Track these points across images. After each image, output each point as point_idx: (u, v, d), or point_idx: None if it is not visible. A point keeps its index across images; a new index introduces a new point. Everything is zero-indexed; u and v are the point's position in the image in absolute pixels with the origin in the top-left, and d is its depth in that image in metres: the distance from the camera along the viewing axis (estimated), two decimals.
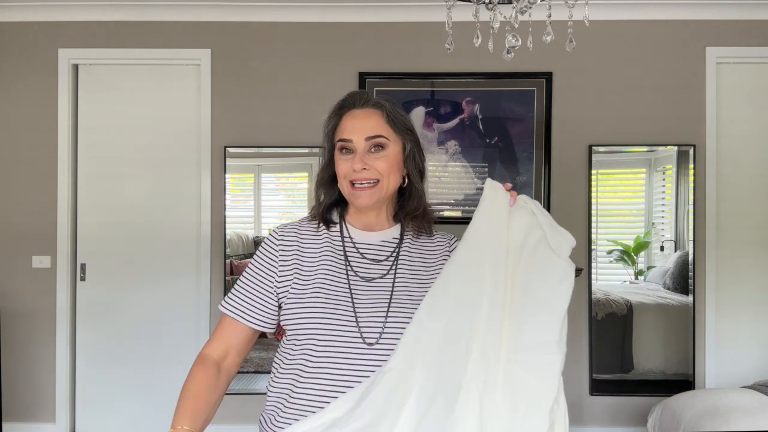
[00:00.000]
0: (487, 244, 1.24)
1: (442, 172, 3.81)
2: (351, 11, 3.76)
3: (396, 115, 1.33)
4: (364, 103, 1.34)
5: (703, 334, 3.74)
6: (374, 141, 1.30)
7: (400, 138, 1.33)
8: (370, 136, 1.30)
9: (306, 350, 1.26)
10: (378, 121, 1.31)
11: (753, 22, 3.73)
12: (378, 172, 1.30)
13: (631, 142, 3.76)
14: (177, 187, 3.85)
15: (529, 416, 1.13)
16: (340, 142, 1.32)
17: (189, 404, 1.24)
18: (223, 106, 3.80)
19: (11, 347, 3.76)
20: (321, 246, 1.35)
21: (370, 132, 1.30)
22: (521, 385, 1.14)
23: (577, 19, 2.20)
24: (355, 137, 1.30)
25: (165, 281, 3.83)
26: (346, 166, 1.30)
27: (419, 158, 1.36)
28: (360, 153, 1.30)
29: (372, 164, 1.29)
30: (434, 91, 3.79)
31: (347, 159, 1.31)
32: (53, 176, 3.80)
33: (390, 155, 1.31)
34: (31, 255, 3.80)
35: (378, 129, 1.31)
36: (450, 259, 1.28)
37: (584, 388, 3.76)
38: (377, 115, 1.32)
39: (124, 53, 3.81)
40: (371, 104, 1.33)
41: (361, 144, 1.30)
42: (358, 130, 1.30)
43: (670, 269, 3.81)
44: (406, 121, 1.35)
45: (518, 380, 1.14)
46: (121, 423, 3.82)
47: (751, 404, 2.88)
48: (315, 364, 1.25)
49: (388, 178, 1.31)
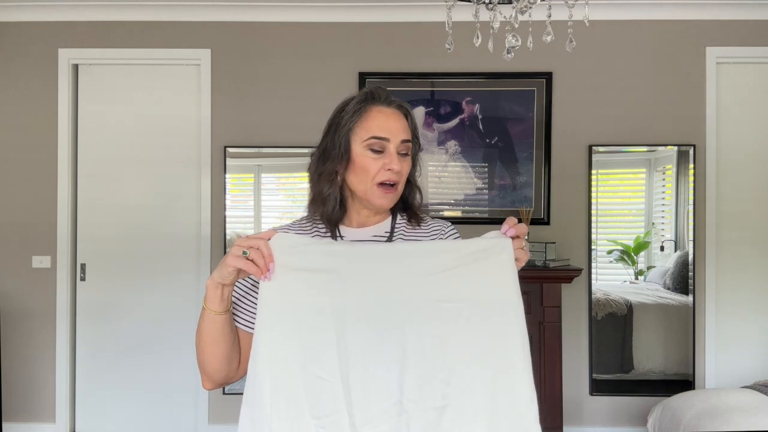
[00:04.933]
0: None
1: (442, 172, 3.81)
2: (351, 11, 3.76)
3: (414, 121, 1.33)
4: (391, 102, 1.30)
5: (703, 334, 3.74)
6: (406, 146, 1.29)
7: (414, 143, 1.33)
8: (405, 139, 1.28)
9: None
10: (405, 124, 1.30)
11: (753, 22, 3.73)
12: (402, 176, 1.29)
13: (631, 142, 3.76)
14: (177, 187, 3.85)
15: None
16: (373, 139, 1.26)
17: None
18: (223, 106, 3.80)
19: (11, 347, 3.76)
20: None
21: (404, 135, 1.28)
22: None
23: (577, 19, 2.20)
24: (393, 137, 1.27)
25: (165, 281, 3.83)
26: (377, 165, 1.26)
27: (419, 163, 1.37)
28: (394, 154, 1.27)
29: (401, 167, 1.28)
30: (434, 91, 3.79)
31: (378, 158, 1.26)
32: (53, 176, 3.80)
33: (410, 159, 1.31)
34: (31, 255, 3.80)
35: (407, 133, 1.29)
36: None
37: (584, 388, 3.76)
38: (404, 118, 1.30)
39: (124, 53, 3.81)
40: (396, 105, 1.30)
41: (396, 146, 1.27)
42: (395, 130, 1.27)
43: (670, 269, 3.81)
44: (417, 127, 1.35)
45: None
46: (121, 423, 3.82)
47: (751, 404, 2.88)
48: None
49: (404, 183, 1.31)
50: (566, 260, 3.66)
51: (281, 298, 1.12)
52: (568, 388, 3.68)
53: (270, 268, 1.11)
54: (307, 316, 1.11)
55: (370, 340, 1.10)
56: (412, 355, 1.10)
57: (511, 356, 1.11)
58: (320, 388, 1.10)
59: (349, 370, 1.10)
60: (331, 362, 1.10)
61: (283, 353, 1.11)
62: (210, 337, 1.21)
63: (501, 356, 1.11)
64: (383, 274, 1.12)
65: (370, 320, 1.10)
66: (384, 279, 1.11)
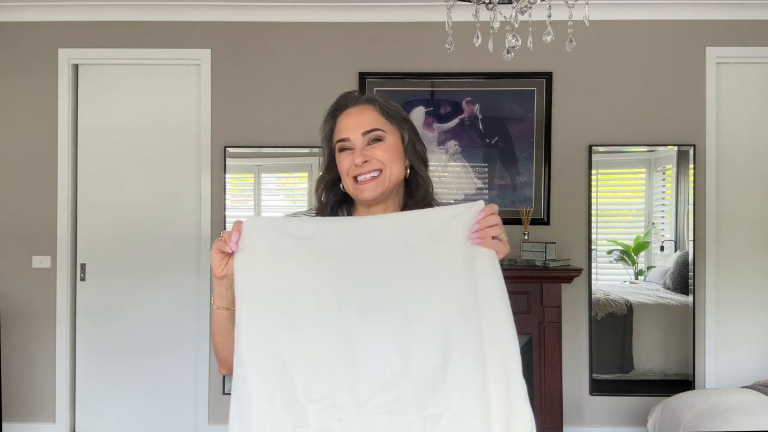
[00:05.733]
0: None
1: (442, 172, 3.81)
2: (351, 11, 3.76)
3: (389, 107, 1.34)
4: (356, 101, 1.34)
5: (703, 334, 3.74)
6: (371, 135, 1.31)
7: (397, 128, 1.34)
8: (367, 130, 1.30)
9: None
10: (372, 115, 1.32)
11: (753, 22, 3.73)
12: (380, 162, 1.30)
13: (631, 142, 3.76)
14: (177, 187, 3.85)
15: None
16: (339, 142, 1.32)
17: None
18: (223, 106, 3.80)
19: (11, 347, 3.76)
20: None
21: (366, 126, 1.31)
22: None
23: (577, 19, 2.20)
24: (352, 134, 1.31)
25: (165, 281, 3.83)
26: (347, 162, 1.31)
27: (420, 147, 1.37)
28: (359, 148, 1.30)
29: (372, 155, 1.29)
30: (434, 91, 3.79)
31: (347, 157, 1.31)
32: (53, 176, 3.80)
33: (389, 144, 1.31)
34: (31, 255, 3.80)
35: (373, 122, 1.31)
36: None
37: (584, 388, 3.76)
38: (371, 110, 1.33)
39: (124, 53, 3.81)
40: (363, 100, 1.34)
41: (359, 140, 1.30)
42: (354, 126, 1.31)
43: (670, 269, 3.81)
44: (401, 111, 1.36)
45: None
46: (121, 423, 3.82)
47: (751, 404, 2.88)
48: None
49: (391, 168, 1.31)
50: (566, 260, 3.66)
51: (259, 282, 1.11)
52: (568, 388, 3.68)
53: (233, 238, 1.11)
54: (292, 296, 1.10)
55: (360, 314, 1.10)
56: (402, 320, 1.09)
57: (492, 306, 1.11)
58: (316, 371, 1.08)
59: (345, 346, 1.08)
60: (325, 341, 1.09)
61: (268, 339, 1.09)
62: (218, 329, 1.26)
63: (483, 305, 1.11)
64: (359, 245, 1.12)
65: (357, 293, 1.10)
66: (362, 248, 1.11)
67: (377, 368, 1.08)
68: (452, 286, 1.10)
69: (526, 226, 3.63)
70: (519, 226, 3.62)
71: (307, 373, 1.09)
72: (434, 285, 1.10)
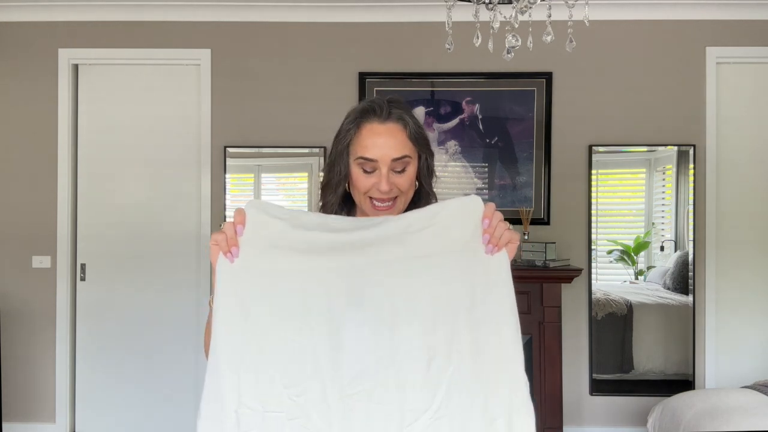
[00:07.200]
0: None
1: (442, 172, 3.80)
2: (351, 11, 3.76)
3: (418, 131, 1.29)
4: (387, 116, 1.26)
5: (703, 334, 3.74)
6: (400, 163, 1.26)
7: (419, 152, 1.31)
8: (396, 157, 1.25)
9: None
10: (402, 139, 1.26)
11: (753, 22, 3.73)
12: (399, 190, 1.28)
13: (631, 142, 3.76)
14: (177, 187, 3.85)
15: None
16: (361, 160, 1.26)
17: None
18: (223, 106, 3.80)
19: (11, 347, 3.76)
20: None
21: (395, 153, 1.25)
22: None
23: (577, 19, 2.20)
24: (381, 158, 1.25)
25: (165, 281, 3.83)
26: (368, 183, 1.27)
27: (431, 161, 1.34)
28: (385, 175, 1.25)
29: (396, 183, 1.26)
30: (434, 91, 3.79)
31: (368, 177, 1.27)
32: (53, 176, 3.80)
33: (411, 173, 1.29)
34: (31, 255, 3.80)
35: (402, 148, 1.26)
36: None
37: (584, 388, 3.76)
38: (401, 133, 1.26)
39: (124, 53, 3.81)
40: (394, 118, 1.27)
41: (387, 165, 1.25)
42: (384, 149, 1.25)
43: (670, 269, 3.81)
44: (424, 131, 1.31)
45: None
46: (121, 423, 3.82)
47: (751, 404, 2.88)
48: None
49: (407, 194, 1.30)
50: (566, 260, 3.66)
51: (245, 270, 1.10)
52: (568, 388, 3.68)
53: (233, 252, 1.08)
54: (276, 284, 1.09)
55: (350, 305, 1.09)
56: (394, 312, 1.09)
57: (495, 305, 1.11)
58: (295, 359, 1.08)
59: (329, 337, 1.08)
60: (309, 330, 1.08)
61: (247, 322, 1.09)
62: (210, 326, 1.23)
63: (482, 301, 1.10)
64: (354, 240, 1.11)
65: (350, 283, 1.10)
66: (358, 244, 1.11)
67: (359, 356, 1.07)
68: (446, 284, 1.10)
69: (526, 226, 3.64)
70: (519, 226, 3.62)
71: (285, 360, 1.08)
72: (426, 282, 1.10)
